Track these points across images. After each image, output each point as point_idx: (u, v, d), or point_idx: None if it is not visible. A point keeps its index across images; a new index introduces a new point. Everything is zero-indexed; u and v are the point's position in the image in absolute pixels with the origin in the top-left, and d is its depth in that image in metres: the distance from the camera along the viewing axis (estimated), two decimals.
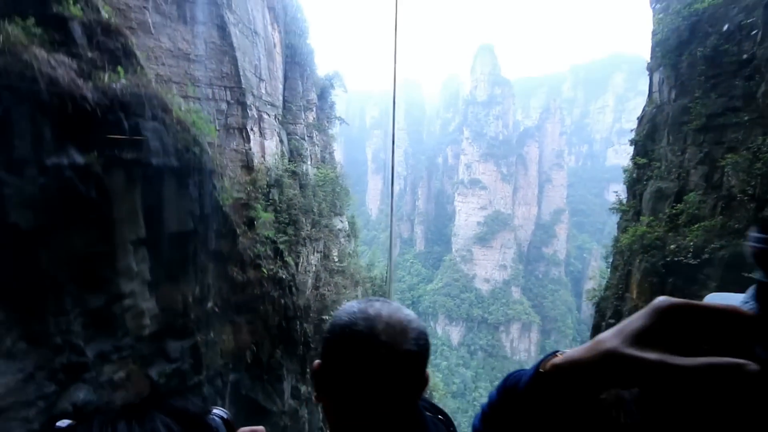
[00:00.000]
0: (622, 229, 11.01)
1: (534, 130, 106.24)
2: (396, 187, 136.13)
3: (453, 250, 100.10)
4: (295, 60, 20.13)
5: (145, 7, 12.60)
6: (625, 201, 12.15)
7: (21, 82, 5.63)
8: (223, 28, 13.99)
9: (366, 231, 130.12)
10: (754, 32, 7.33)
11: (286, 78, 19.88)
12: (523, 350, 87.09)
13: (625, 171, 11.91)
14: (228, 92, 14.60)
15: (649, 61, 11.36)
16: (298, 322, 15.03)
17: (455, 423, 1.26)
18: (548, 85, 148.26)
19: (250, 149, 15.48)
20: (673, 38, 9.41)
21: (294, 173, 18.24)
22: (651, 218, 8.80)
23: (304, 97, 20.93)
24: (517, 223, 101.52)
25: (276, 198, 16.82)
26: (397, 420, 0.91)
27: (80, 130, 6.49)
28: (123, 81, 7.19)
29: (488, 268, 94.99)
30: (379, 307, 0.94)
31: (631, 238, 9.00)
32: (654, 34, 10.77)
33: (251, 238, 14.10)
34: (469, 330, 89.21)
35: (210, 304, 11.40)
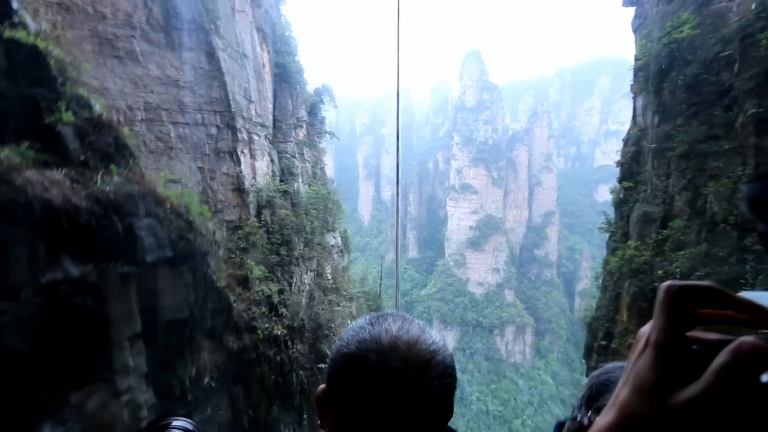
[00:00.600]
0: (611, 249, 11.23)
1: (523, 134, 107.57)
2: (387, 194, 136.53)
3: (446, 254, 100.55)
4: (284, 79, 20.16)
5: (132, 36, 12.57)
6: (613, 221, 12.40)
7: (15, 210, 5.55)
8: (211, 54, 14.00)
9: (359, 238, 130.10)
10: (732, 63, 7.58)
11: (275, 97, 19.90)
12: (518, 352, 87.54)
13: (612, 192, 12.15)
14: (218, 117, 14.58)
15: (632, 83, 11.69)
16: (293, 375, 14.96)
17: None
18: (536, 89, 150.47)
19: (241, 172, 15.45)
20: (654, 65, 9.70)
21: (285, 192, 18.22)
22: (638, 243, 9.01)
23: (294, 114, 20.96)
24: (509, 227, 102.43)
25: (268, 219, 16.78)
26: None
27: (74, 240, 6.33)
28: (116, 179, 7.13)
29: (481, 271, 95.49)
30: (395, 334, 0.82)
31: (620, 261, 9.19)
32: (636, 59, 11.08)
33: (246, 299, 13.98)
34: (464, 334, 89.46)
35: (206, 380, 11.15)
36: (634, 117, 11.69)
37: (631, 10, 14.36)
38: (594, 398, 0.81)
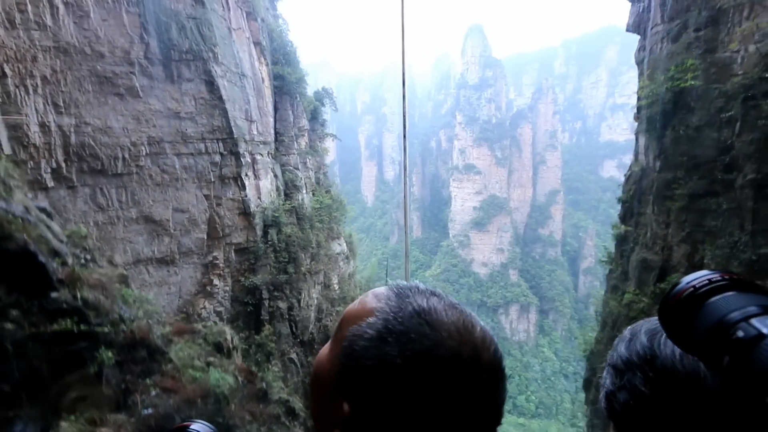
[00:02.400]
0: (611, 286, 11.40)
1: (527, 111, 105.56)
2: (390, 174, 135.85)
3: (450, 235, 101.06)
4: (284, 90, 19.95)
5: (131, 72, 12.50)
6: (612, 255, 12.51)
7: None
8: (211, 83, 13.90)
9: (363, 219, 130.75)
10: (733, 122, 7.49)
11: (276, 110, 19.76)
12: (522, 331, 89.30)
13: (613, 227, 12.21)
14: (221, 144, 14.62)
15: (634, 118, 11.46)
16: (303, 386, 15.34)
17: None
18: (540, 61, 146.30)
19: (246, 196, 15.62)
20: (656, 107, 9.52)
21: (290, 207, 18.42)
22: (637, 290, 9.18)
23: (295, 125, 20.84)
24: (513, 206, 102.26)
25: (274, 238, 17.07)
26: None
27: None
28: (153, 394, 7.39)
29: (485, 252, 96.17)
30: (469, 319, 0.68)
31: (619, 306, 9.39)
32: (639, 98, 10.86)
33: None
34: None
35: None
36: (636, 154, 11.57)
37: None
38: (652, 358, 0.77)
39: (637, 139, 11.52)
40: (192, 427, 0.84)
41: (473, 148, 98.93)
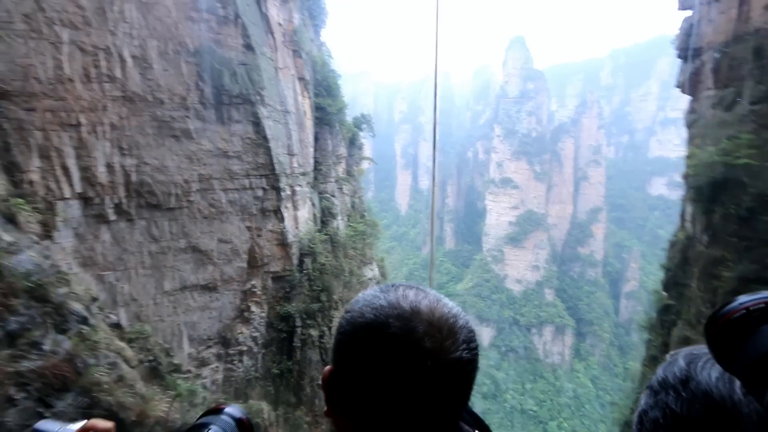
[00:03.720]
0: (650, 356, 10.88)
1: (569, 125, 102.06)
2: (424, 183, 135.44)
3: (484, 249, 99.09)
4: (324, 121, 20.69)
5: (187, 116, 13.53)
6: (654, 321, 11.93)
7: None
8: (257, 123, 14.75)
9: (395, 227, 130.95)
10: None
11: (316, 140, 20.53)
12: (556, 353, 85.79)
13: (654, 293, 11.68)
14: (263, 180, 15.44)
15: (683, 178, 10.90)
16: None
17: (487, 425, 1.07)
18: (585, 72, 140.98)
19: (285, 228, 16.35)
20: (705, 177, 9.03)
21: (326, 236, 19.00)
22: None
23: (333, 153, 21.53)
24: (551, 223, 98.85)
25: (309, 267, 17.68)
26: None
27: None
28: None
29: (520, 268, 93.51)
30: (414, 299, 0.75)
31: None
32: (687, 166, 10.35)
33: None
34: (500, 331, 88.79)
35: None
36: (683, 221, 11.00)
37: None
38: (687, 379, 0.77)
39: (683, 206, 10.94)
40: (227, 409, 0.89)
41: (511, 161, 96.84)
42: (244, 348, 15.70)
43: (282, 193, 15.95)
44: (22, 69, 10.69)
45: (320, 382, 0.83)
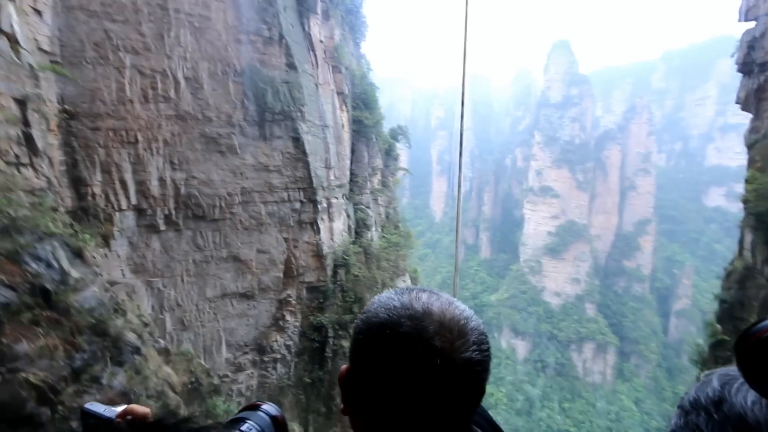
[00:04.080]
0: None
1: (616, 131, 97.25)
2: (461, 190, 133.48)
3: (521, 260, 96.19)
4: (361, 133, 21.04)
5: (232, 133, 14.25)
6: (705, 354, 11.02)
7: None
8: (297, 139, 15.27)
9: (430, 234, 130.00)
10: None
11: (353, 152, 20.91)
12: (597, 372, 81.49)
13: (708, 325, 10.82)
14: (301, 193, 15.94)
15: (742, 203, 10.04)
16: None
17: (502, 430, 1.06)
18: (635, 75, 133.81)
19: (320, 239, 16.74)
20: (765, 205, 8.29)
21: (360, 248, 19.25)
22: None
23: (369, 165, 21.82)
24: (594, 234, 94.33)
25: (343, 278, 17.97)
26: None
27: None
28: None
29: (559, 281, 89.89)
30: (426, 301, 0.78)
31: None
32: (747, 190, 9.54)
33: None
34: (536, 346, 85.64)
35: None
36: (741, 249, 10.12)
37: None
38: (720, 400, 0.74)
39: (742, 232, 10.07)
40: (263, 406, 0.91)
41: (551, 169, 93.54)
42: (278, 356, 16.18)
43: (318, 206, 16.37)
44: (90, 92, 11.73)
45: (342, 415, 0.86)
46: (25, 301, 6.29)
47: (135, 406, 0.85)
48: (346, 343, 17.38)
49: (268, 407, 0.92)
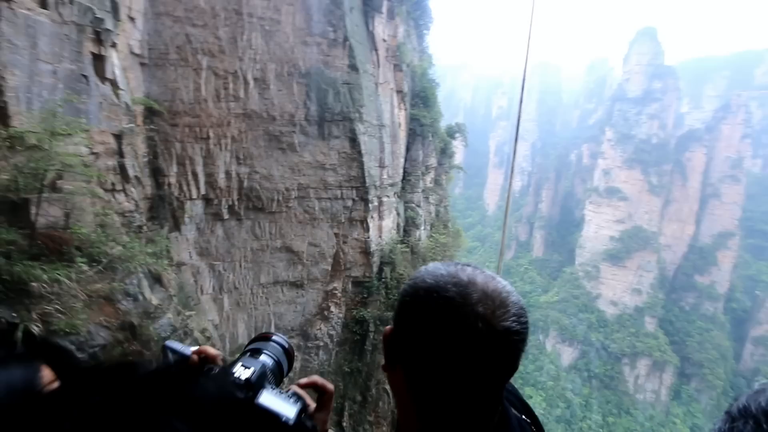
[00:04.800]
0: None
1: (702, 132, 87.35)
2: (518, 185, 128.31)
3: (576, 263, 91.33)
4: (417, 132, 20.94)
5: (293, 131, 14.93)
6: None
7: None
8: (353, 139, 15.63)
9: (480, 227, 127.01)
10: None
11: (407, 149, 20.92)
12: (650, 390, 76.27)
13: None
14: (354, 191, 16.39)
15: None
16: None
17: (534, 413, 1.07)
18: (733, 68, 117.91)
19: (369, 237, 17.18)
20: None
21: (407, 248, 19.46)
22: None
23: (423, 163, 21.74)
24: (664, 243, 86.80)
25: (388, 275, 18.35)
26: (480, 406, 0.80)
27: None
28: None
29: (617, 289, 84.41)
30: (471, 273, 0.82)
31: None
32: None
33: None
34: (584, 354, 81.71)
35: None
36: None
37: None
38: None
39: None
40: (274, 337, 0.95)
41: (621, 169, 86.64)
42: (321, 343, 17.09)
43: (369, 205, 16.75)
44: (171, 91, 12.86)
45: (383, 372, 0.94)
46: (117, 337, 6.96)
47: (208, 348, 0.91)
48: None
49: (279, 338, 0.97)
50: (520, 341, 0.79)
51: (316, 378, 0.95)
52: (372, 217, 17.40)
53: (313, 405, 0.94)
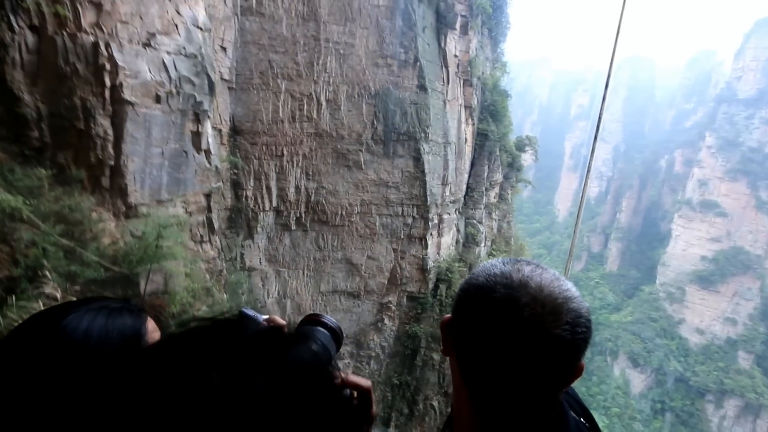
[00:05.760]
0: None
1: None
2: (594, 191, 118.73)
3: (657, 282, 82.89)
4: (484, 147, 20.41)
5: (359, 150, 15.45)
6: None
7: None
8: (417, 159, 15.75)
9: (548, 233, 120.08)
10: None
11: (472, 164, 20.51)
12: None
13: None
14: (414, 209, 16.56)
15: None
16: None
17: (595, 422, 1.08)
18: None
19: (426, 255, 17.29)
20: None
21: (464, 265, 19.21)
22: None
23: (488, 179, 21.16)
24: None
25: (443, 293, 18.32)
26: (533, 408, 0.81)
27: None
28: None
29: (706, 316, 75.29)
30: (528, 274, 0.80)
31: None
32: None
33: None
34: (659, 384, 74.33)
35: None
36: None
37: None
38: None
39: None
40: (323, 320, 0.92)
41: (722, 181, 76.38)
42: (373, 353, 17.65)
43: (429, 223, 16.83)
44: (253, 113, 14.00)
45: (443, 355, 0.95)
46: None
47: (277, 317, 0.92)
48: (436, 356, 17.96)
49: (328, 320, 0.95)
50: (572, 351, 0.77)
51: (349, 377, 0.90)
52: (431, 234, 17.45)
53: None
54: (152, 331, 1.01)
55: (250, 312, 0.82)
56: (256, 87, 13.81)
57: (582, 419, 1.00)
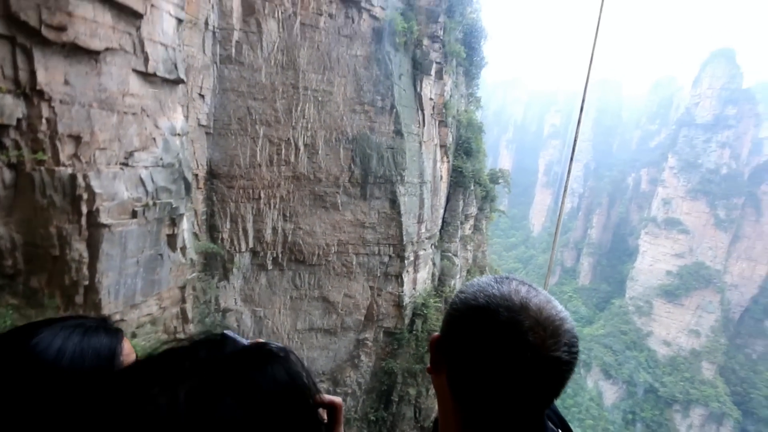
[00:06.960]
0: None
1: None
2: (567, 206, 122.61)
3: (626, 296, 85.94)
4: (459, 183, 21.05)
5: (337, 192, 15.73)
6: None
7: None
8: (393, 200, 16.16)
9: (524, 248, 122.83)
10: None
11: (448, 200, 21.10)
12: None
13: None
14: (391, 248, 16.90)
15: None
16: None
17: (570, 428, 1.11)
18: None
19: (403, 291, 17.59)
20: None
21: (439, 299, 19.61)
22: None
23: (463, 212, 21.79)
24: (730, 283, 79.55)
25: (419, 328, 18.62)
26: (519, 423, 0.82)
27: None
28: None
29: (672, 329, 78.46)
30: (525, 295, 0.81)
31: None
32: None
33: None
34: (630, 395, 76.58)
35: None
36: None
37: None
38: None
39: None
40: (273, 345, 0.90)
41: (684, 200, 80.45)
42: (349, 390, 17.68)
43: (405, 261, 17.18)
44: (230, 157, 14.10)
45: (428, 373, 0.97)
46: None
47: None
48: (412, 391, 18.16)
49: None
50: (568, 370, 0.80)
51: (323, 396, 0.90)
52: (407, 271, 17.80)
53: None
54: (128, 351, 1.00)
55: (232, 334, 0.81)
56: (234, 132, 13.95)
57: (559, 430, 1.04)
